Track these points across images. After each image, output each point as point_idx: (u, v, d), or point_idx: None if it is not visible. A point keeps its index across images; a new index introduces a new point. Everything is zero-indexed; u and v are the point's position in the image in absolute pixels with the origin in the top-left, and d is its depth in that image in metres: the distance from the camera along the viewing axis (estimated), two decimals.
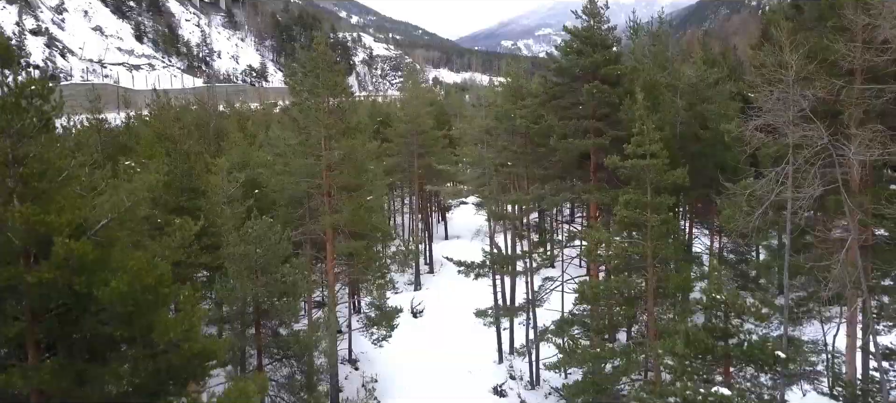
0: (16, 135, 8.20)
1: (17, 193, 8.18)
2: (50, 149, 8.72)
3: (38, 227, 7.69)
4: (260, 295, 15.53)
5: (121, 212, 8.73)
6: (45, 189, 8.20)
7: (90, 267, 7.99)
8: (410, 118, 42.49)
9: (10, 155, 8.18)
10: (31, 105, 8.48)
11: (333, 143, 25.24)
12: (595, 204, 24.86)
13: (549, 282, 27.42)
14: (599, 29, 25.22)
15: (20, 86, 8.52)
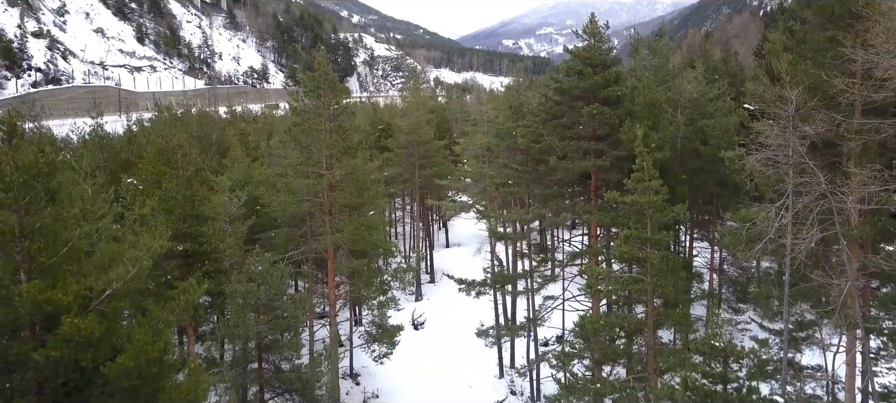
0: (23, 210, 8.27)
1: (23, 268, 8.26)
2: (56, 220, 8.79)
3: (44, 305, 7.78)
4: (262, 332, 15.62)
5: (126, 281, 8.78)
6: (51, 263, 8.28)
7: (96, 343, 8.06)
8: (411, 129, 42.55)
9: (16, 230, 8.25)
10: (38, 181, 8.53)
11: (335, 162, 25.31)
12: (595, 224, 24.93)
13: (549, 301, 27.49)
14: (600, 49, 25.25)
15: (28, 165, 8.55)
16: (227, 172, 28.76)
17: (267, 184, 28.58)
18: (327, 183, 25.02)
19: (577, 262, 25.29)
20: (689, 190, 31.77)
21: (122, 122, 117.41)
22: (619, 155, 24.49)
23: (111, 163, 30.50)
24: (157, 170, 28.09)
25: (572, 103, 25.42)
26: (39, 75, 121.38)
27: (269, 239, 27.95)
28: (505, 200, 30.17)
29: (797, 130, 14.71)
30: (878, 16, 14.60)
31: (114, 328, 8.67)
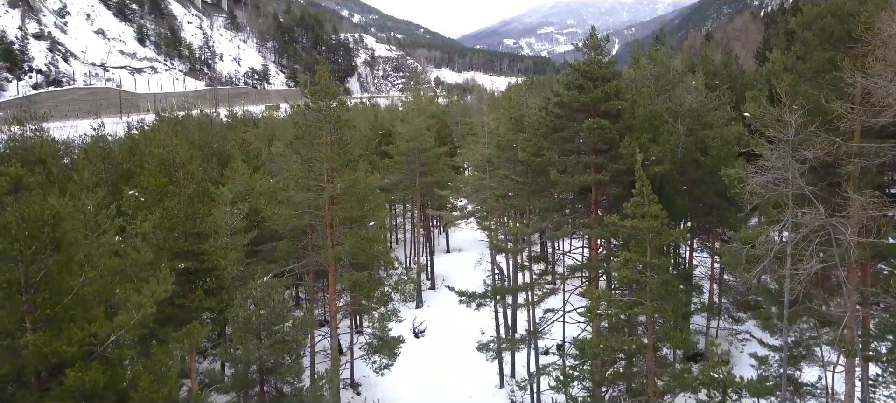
0: (28, 260, 8.34)
1: (29, 318, 8.34)
2: (60, 269, 8.85)
3: (49, 356, 7.86)
4: (264, 357, 15.70)
5: (129, 327, 8.84)
6: (56, 312, 8.35)
7: (101, 393, 8.14)
8: (412, 136, 42.62)
9: (22, 281, 8.33)
10: (43, 232, 8.59)
11: (336, 175, 25.39)
12: (595, 238, 25.00)
13: (550, 314, 27.57)
14: (600, 62, 25.29)
15: (33, 217, 8.61)
16: (228, 183, 28.83)
17: (268, 196, 28.65)
18: (328, 196, 25.09)
19: (578, 275, 25.35)
20: (689, 200, 31.83)
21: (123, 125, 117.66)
22: (619, 169, 24.56)
23: (112, 173, 30.56)
24: (158, 182, 28.21)
25: (572, 116, 25.48)
26: (40, 77, 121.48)
27: (270, 250, 28.03)
28: (505, 211, 30.23)
29: (797, 154, 14.78)
30: (877, 42, 14.65)
31: (119, 374, 8.75)
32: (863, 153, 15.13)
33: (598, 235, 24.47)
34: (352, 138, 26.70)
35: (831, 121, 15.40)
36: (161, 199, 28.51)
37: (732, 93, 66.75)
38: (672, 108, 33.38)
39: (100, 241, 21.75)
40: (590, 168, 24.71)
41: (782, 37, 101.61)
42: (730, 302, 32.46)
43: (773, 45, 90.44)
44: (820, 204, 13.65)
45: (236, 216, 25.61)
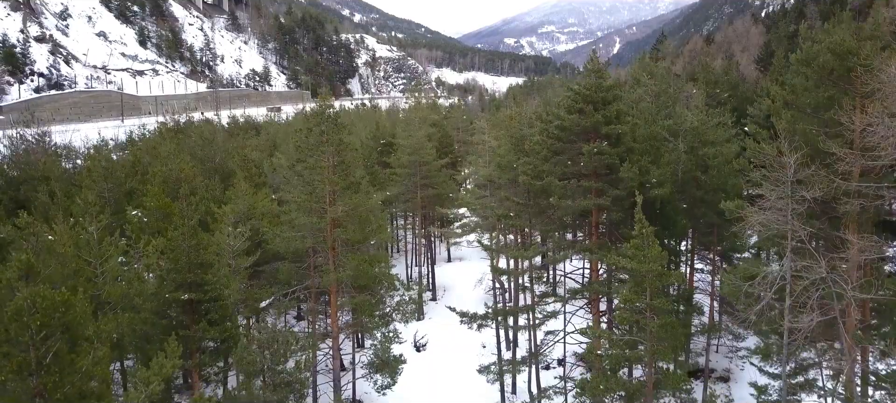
0: (39, 345, 8.46)
1: (40, 401, 8.48)
2: (70, 349, 8.98)
3: None
4: (268, 398, 15.85)
5: None
6: (65, 393, 8.49)
7: None
8: (413, 149, 42.75)
9: (33, 364, 8.47)
10: (54, 319, 8.69)
11: (338, 198, 25.53)
12: (596, 261, 25.14)
13: (551, 336, 27.70)
14: (601, 85, 25.39)
15: (46, 306, 8.72)
16: (230, 202, 28.95)
17: (270, 217, 28.78)
18: (330, 219, 25.24)
19: (579, 297, 25.49)
20: (689, 219, 31.94)
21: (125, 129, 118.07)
22: (620, 194, 24.69)
23: (116, 192, 30.70)
24: (161, 203, 28.41)
25: (573, 140, 25.60)
26: (42, 80, 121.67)
27: (272, 271, 28.18)
28: (507, 229, 30.37)
29: (795, 194, 14.90)
30: (876, 84, 14.77)
31: None
32: (862, 193, 15.24)
33: (598, 259, 24.60)
34: (353, 159, 26.84)
35: (830, 161, 15.50)
36: (164, 220, 28.76)
37: (733, 101, 67.02)
38: (673, 126, 33.51)
39: (104, 268, 21.95)
40: (590, 192, 24.83)
41: (783, 42, 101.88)
42: (730, 320, 32.56)
43: (773, 49, 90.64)
44: (820, 257, 13.77)
45: (239, 238, 25.75)
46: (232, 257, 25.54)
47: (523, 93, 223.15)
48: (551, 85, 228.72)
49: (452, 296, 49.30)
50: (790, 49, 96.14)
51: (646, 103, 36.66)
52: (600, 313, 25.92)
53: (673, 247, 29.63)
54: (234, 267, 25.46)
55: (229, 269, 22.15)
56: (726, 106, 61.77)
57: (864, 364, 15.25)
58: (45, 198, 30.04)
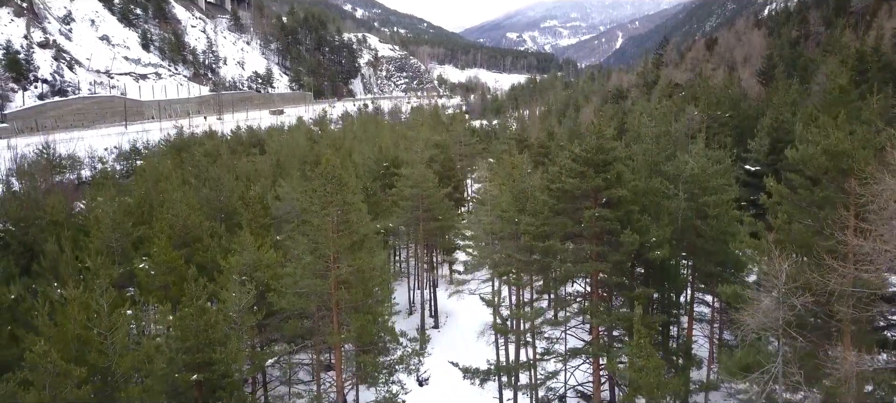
0: None
1: None
2: None
3: None
4: None
5: None
6: None
7: None
8: (415, 182, 43.14)
9: None
10: None
11: (341, 258, 25.96)
12: (596, 326, 25.58)
13: (551, 393, 28.26)
14: (603, 148, 25.68)
15: None
16: (235, 255, 29.36)
17: (275, 269, 29.20)
18: (334, 280, 25.70)
19: (579, 359, 25.96)
20: (689, 268, 32.35)
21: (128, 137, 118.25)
22: (620, 258, 25.09)
23: (123, 242, 31.18)
24: (169, 257, 28.89)
25: (574, 202, 25.98)
26: (46, 86, 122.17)
27: (277, 323, 28.66)
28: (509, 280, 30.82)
29: (787, 301, 15.31)
30: (870, 195, 15.13)
31: None
32: (854, 296, 15.62)
33: (598, 323, 25.05)
34: (357, 219, 27.27)
35: (823, 265, 15.86)
36: (171, 273, 29.24)
37: (735, 120, 67.18)
38: (673, 172, 33.87)
39: (113, 339, 22.43)
40: (590, 257, 25.24)
41: (785, 50, 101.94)
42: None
43: (776, 62, 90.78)
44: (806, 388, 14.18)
45: (245, 296, 26.21)
46: (238, 313, 26.03)
47: (525, 95, 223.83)
48: (553, 87, 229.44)
49: (456, 328, 49.75)
50: (792, 59, 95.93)
51: (647, 144, 37.00)
52: (600, 370, 26.38)
53: (673, 301, 30.03)
54: (239, 327, 25.94)
55: (237, 343, 22.62)
56: (727, 128, 62.24)
57: None
58: (54, 247, 30.51)
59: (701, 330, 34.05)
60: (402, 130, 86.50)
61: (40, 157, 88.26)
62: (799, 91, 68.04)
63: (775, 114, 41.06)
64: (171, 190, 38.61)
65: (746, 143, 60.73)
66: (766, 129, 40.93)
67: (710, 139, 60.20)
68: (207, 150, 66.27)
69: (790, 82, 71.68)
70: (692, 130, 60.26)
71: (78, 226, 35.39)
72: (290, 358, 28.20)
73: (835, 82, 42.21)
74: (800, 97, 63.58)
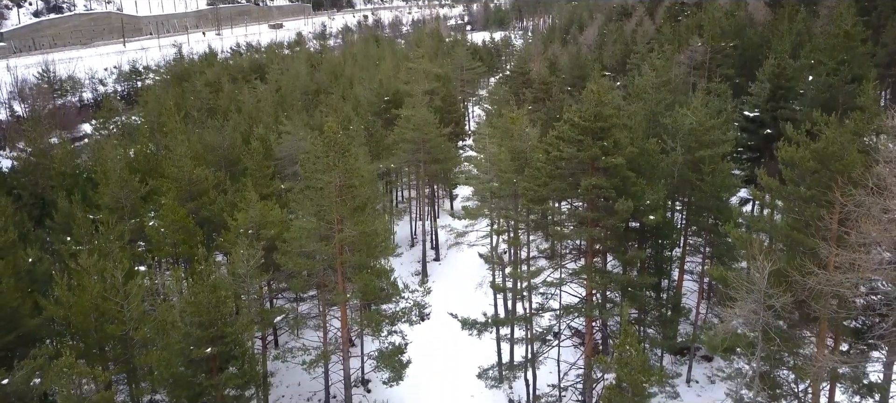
0: None
1: None
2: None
3: None
4: None
5: None
6: None
7: None
8: (417, 125, 43.44)
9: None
10: None
11: (345, 221, 26.80)
12: (590, 288, 26.68)
13: (546, 346, 29.72)
14: (602, 114, 25.92)
15: None
16: (241, 212, 30.19)
17: (282, 226, 30.10)
18: (338, 243, 26.65)
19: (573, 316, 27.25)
20: (684, 221, 33.19)
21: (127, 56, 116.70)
22: (614, 224, 25.89)
23: (132, 198, 31.94)
24: (177, 215, 29.79)
25: (572, 169, 26.53)
26: (41, 3, 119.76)
27: (283, 278, 29.85)
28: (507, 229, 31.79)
29: (766, 301, 16.24)
30: (853, 205, 15.73)
31: None
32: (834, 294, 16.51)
33: (593, 286, 26.14)
34: (361, 182, 27.91)
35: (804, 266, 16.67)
36: (180, 231, 30.21)
37: (739, 50, 66.23)
38: (672, 126, 34.18)
39: (129, 307, 23.65)
40: (586, 223, 26.03)
41: None
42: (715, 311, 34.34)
43: None
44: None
45: (252, 259, 27.25)
46: (247, 275, 27.17)
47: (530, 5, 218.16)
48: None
49: (456, 261, 51.13)
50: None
51: (648, 95, 37.13)
52: (593, 329, 27.74)
53: (666, 257, 31.03)
54: (248, 288, 27.14)
55: (248, 315, 23.78)
56: (730, 59, 61.57)
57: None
58: (66, 204, 31.30)
59: (692, 281, 35.37)
60: (402, 55, 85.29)
61: (41, 80, 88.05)
62: (806, 18, 66.81)
63: (777, 61, 40.78)
64: (175, 131, 38.98)
65: (751, 73, 60.27)
66: (768, 75, 40.76)
67: (712, 71, 59.88)
68: (208, 80, 65.95)
69: (797, 8, 70.23)
70: (695, 62, 59.80)
71: (86, 177, 36.08)
72: (296, 313, 29.54)
73: (840, 27, 41.63)
74: (806, 27, 62.55)
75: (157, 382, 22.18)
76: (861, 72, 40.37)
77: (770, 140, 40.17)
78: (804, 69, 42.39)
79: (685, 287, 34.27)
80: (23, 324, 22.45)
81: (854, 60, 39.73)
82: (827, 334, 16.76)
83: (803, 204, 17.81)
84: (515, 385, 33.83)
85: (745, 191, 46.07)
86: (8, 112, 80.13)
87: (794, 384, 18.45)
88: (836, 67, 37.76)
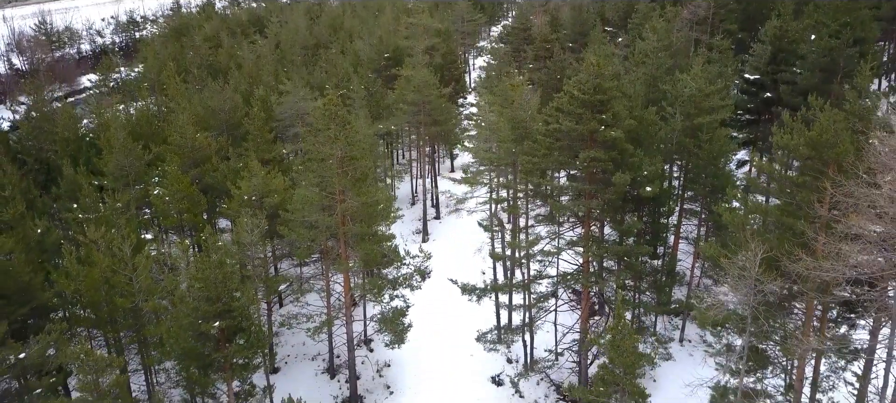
0: None
1: None
2: None
3: None
4: None
5: None
6: None
7: None
8: (417, 87, 43.47)
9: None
10: None
11: (347, 191, 27.26)
12: (586, 262, 27.31)
13: (543, 312, 30.54)
14: (601, 87, 26.03)
15: None
16: (244, 180, 30.65)
17: (284, 193, 30.60)
18: (340, 214, 27.18)
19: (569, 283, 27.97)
20: (682, 189, 33.63)
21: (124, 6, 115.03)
22: (611, 197, 26.33)
23: (136, 166, 32.33)
24: (181, 184, 30.28)
25: (571, 141, 26.82)
26: None
27: (287, 245, 30.53)
28: None
29: (756, 287, 16.83)
30: (841, 195, 16.15)
31: None
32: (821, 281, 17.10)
33: (589, 256, 26.75)
34: (361, 153, 28.26)
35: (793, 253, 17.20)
36: (184, 200, 30.72)
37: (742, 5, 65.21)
38: (671, 92, 34.28)
39: (138, 280, 24.33)
40: (584, 195, 26.47)
41: None
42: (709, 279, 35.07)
43: None
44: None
45: (257, 226, 27.86)
46: (251, 243, 27.83)
47: None
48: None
49: (455, 221, 51.78)
50: None
51: (649, 60, 37.07)
52: (590, 294, 28.50)
53: (663, 225, 31.57)
54: (253, 257, 27.83)
55: (252, 290, 24.47)
56: (734, 14, 60.82)
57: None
58: (71, 171, 31.70)
59: (687, 244, 36.07)
60: (402, 6, 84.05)
61: (38, 32, 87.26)
62: None
63: (780, 22, 40.46)
64: (177, 96, 39.11)
65: (754, 27, 59.57)
66: (770, 37, 40.53)
67: (715, 27, 59.32)
68: (207, 34, 65.42)
69: None
70: (698, 18, 59.18)
71: (90, 141, 36.38)
72: (301, 279, 30.27)
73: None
74: None
75: (167, 354, 23.06)
76: (864, 34, 40.17)
77: (770, 103, 40.27)
78: (807, 30, 42.09)
79: (680, 250, 34.99)
80: (36, 297, 23.16)
81: (857, 23, 39.48)
82: (814, 312, 17.39)
83: (795, 188, 18.22)
84: (513, 348, 34.92)
85: (744, 152, 46.51)
86: (6, 65, 79.73)
87: (781, 359, 19.23)
88: (838, 30, 37.55)
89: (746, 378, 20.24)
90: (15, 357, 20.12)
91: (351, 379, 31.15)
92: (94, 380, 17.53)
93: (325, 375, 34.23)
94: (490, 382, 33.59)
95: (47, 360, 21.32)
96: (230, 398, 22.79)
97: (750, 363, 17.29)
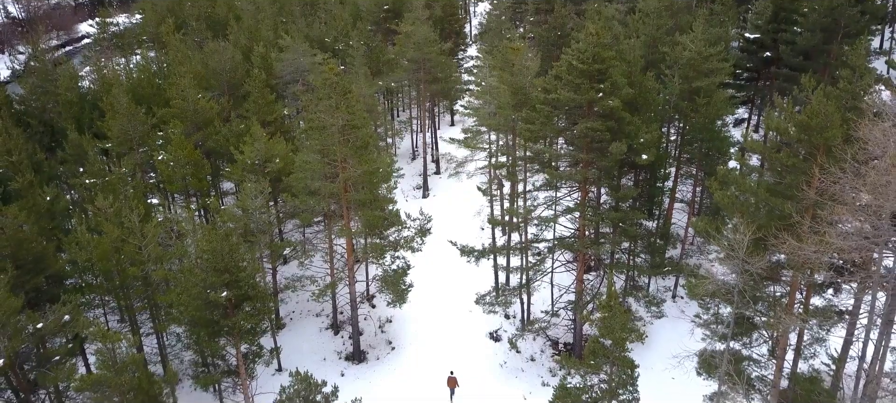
0: None
1: None
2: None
3: None
4: None
5: None
6: None
7: None
8: (418, 45, 43.39)
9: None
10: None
11: (349, 159, 27.77)
12: (583, 227, 27.99)
13: (540, 274, 31.42)
14: (600, 56, 26.16)
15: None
16: (248, 146, 31.09)
17: (287, 159, 31.09)
18: (342, 181, 27.76)
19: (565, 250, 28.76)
20: (679, 151, 34.05)
21: None
22: (608, 165, 26.84)
23: (140, 130, 32.67)
24: (185, 151, 30.77)
25: (569, 112, 27.17)
26: None
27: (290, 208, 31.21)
28: None
29: (744, 265, 17.56)
30: (831, 180, 16.70)
31: None
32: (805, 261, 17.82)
33: (585, 224, 27.44)
34: (362, 121, 28.63)
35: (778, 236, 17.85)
36: (189, 166, 31.24)
37: None
38: (670, 56, 34.34)
39: (148, 248, 25.09)
40: (580, 163, 26.98)
41: None
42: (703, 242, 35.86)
43: None
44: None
45: (260, 192, 28.49)
46: (255, 208, 28.53)
47: None
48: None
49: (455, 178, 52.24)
50: None
51: (649, 20, 36.92)
52: (586, 260, 29.32)
53: (658, 188, 32.13)
54: (257, 222, 28.54)
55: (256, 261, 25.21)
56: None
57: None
58: (75, 136, 32.10)
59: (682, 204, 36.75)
60: None
61: None
62: None
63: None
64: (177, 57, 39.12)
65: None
66: None
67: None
68: None
69: None
70: None
71: (92, 103, 36.62)
72: (305, 243, 31.00)
73: None
74: None
75: (176, 319, 24.00)
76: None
77: (769, 63, 40.29)
78: None
79: (675, 209, 35.67)
80: (50, 266, 23.96)
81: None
82: (798, 288, 18.15)
83: (784, 169, 18.72)
84: (512, 307, 35.97)
85: (743, 110, 46.68)
86: (3, 14, 78.87)
87: (765, 331, 20.14)
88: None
89: (733, 342, 21.27)
90: (34, 326, 21.02)
91: (354, 335, 32.29)
92: (112, 355, 18.44)
93: (329, 331, 35.42)
94: (488, 337, 34.82)
95: (65, 326, 22.24)
96: (239, 360, 23.85)
97: (736, 330, 18.14)
